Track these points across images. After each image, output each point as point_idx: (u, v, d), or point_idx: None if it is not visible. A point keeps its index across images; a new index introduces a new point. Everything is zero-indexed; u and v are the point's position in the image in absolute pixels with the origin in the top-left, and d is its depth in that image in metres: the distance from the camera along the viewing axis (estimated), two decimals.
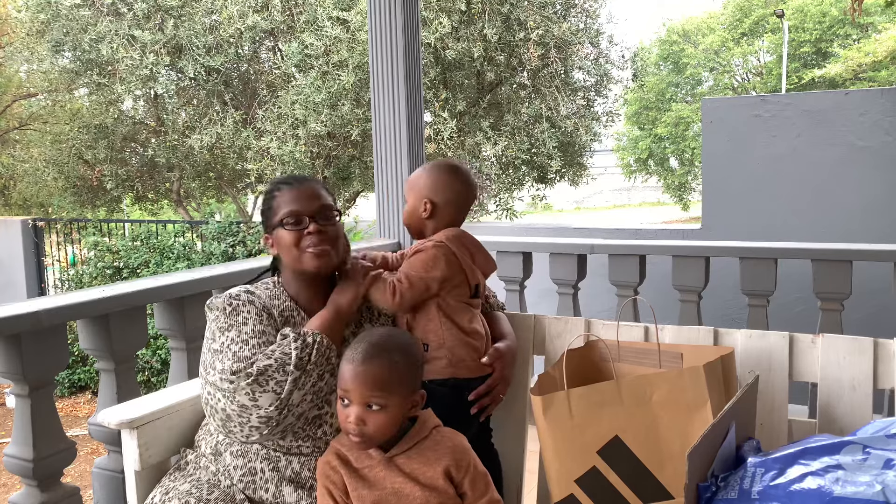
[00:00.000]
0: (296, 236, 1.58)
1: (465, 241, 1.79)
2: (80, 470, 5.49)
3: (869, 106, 4.52)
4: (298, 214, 1.59)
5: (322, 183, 1.70)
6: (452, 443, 1.45)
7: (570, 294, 3.32)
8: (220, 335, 1.52)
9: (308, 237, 1.58)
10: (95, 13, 8.36)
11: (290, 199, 1.61)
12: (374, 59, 3.31)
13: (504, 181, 9.05)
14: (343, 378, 1.40)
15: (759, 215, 4.76)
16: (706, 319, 3.10)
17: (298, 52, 7.73)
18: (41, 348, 1.90)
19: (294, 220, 1.58)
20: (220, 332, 1.53)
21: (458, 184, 1.83)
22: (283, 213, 1.59)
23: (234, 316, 1.53)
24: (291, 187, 1.63)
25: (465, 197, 1.83)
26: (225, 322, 1.53)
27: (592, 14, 9.10)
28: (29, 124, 11.79)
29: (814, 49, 20.91)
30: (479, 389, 1.73)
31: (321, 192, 1.65)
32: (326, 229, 1.60)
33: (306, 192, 1.63)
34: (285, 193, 1.62)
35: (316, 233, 1.58)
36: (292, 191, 1.62)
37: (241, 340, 1.50)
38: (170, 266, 7.12)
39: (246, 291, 1.60)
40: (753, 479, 1.32)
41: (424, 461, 1.41)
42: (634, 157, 23.51)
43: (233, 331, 1.52)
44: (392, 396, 1.38)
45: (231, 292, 1.60)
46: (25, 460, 1.88)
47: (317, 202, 1.62)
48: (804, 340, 1.72)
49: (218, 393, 1.46)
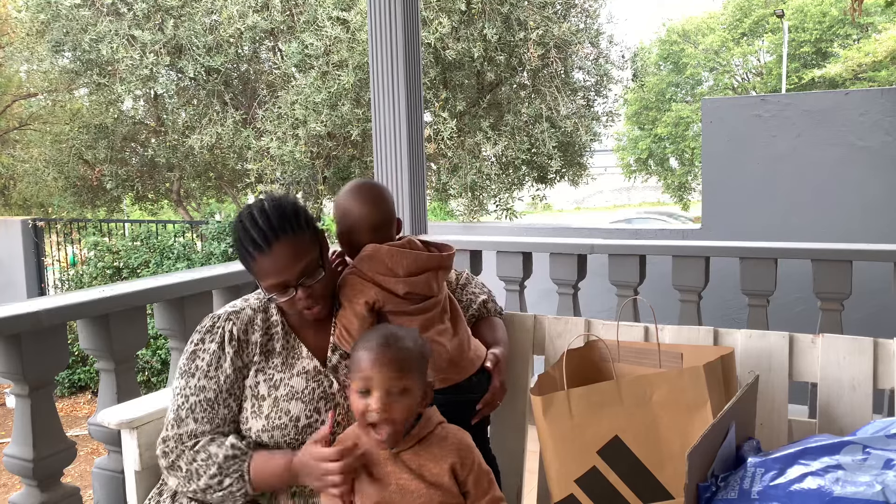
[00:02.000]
0: (287, 303, 1.55)
1: (377, 256, 1.66)
2: (80, 470, 5.49)
3: (869, 106, 4.51)
4: (283, 286, 1.52)
5: (295, 225, 1.52)
6: (457, 440, 1.44)
7: (570, 294, 3.32)
8: (179, 377, 1.56)
9: (299, 301, 1.54)
10: (95, 13, 8.37)
11: (269, 270, 1.50)
12: (374, 59, 3.31)
13: (504, 181, 9.06)
14: (361, 367, 1.38)
15: (759, 215, 4.76)
16: (706, 319, 3.09)
17: (298, 52, 7.73)
18: (41, 348, 1.90)
19: (279, 292, 1.53)
20: (179, 373, 1.56)
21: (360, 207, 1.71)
22: (267, 287, 1.53)
23: (190, 361, 1.55)
24: (265, 254, 1.49)
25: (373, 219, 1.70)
26: (183, 364, 1.56)
27: (592, 14, 9.10)
28: (29, 124, 11.80)
29: (814, 49, 20.91)
30: (485, 398, 1.73)
31: (298, 247, 1.51)
32: (314, 288, 1.54)
33: (283, 257, 1.49)
34: (262, 261, 1.50)
35: (306, 297, 1.54)
36: (268, 258, 1.49)
37: (182, 395, 1.54)
38: (170, 266, 7.12)
39: (233, 313, 1.58)
40: (753, 479, 1.32)
41: (430, 457, 1.41)
42: (634, 157, 23.51)
43: (182, 379, 1.55)
44: (412, 380, 1.38)
45: (216, 314, 1.60)
46: (25, 460, 1.88)
47: (297, 265, 1.51)
48: (804, 340, 1.72)
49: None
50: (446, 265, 1.74)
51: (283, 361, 1.58)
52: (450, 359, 1.68)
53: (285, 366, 1.57)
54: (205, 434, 1.51)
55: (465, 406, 1.71)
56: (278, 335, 1.59)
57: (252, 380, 1.55)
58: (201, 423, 1.51)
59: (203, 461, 1.48)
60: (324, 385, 1.57)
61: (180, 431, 1.51)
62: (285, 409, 1.53)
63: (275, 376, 1.56)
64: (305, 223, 1.55)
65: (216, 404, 1.53)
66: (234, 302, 1.65)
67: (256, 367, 1.56)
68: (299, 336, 1.62)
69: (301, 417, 1.53)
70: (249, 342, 1.57)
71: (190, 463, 1.49)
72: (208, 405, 1.52)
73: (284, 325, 1.61)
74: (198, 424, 1.51)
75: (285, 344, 1.59)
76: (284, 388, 1.55)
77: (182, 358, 1.57)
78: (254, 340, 1.57)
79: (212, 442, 1.50)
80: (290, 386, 1.55)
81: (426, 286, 1.68)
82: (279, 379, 1.55)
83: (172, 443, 1.51)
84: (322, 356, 1.62)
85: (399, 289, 1.65)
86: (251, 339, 1.57)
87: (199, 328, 1.58)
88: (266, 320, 1.60)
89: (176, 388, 1.56)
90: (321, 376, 1.58)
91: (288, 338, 1.60)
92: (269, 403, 1.53)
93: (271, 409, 1.53)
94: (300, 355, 1.59)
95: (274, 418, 1.52)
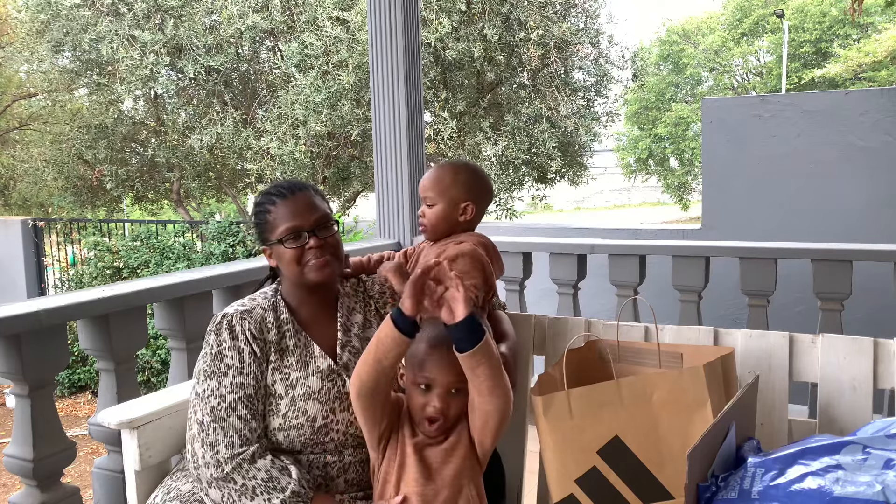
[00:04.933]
0: (297, 253, 1.56)
1: (489, 250, 1.81)
2: (80, 470, 5.49)
3: (869, 106, 4.51)
4: (297, 230, 1.56)
5: (313, 189, 1.66)
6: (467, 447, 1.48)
7: (570, 294, 3.32)
8: (205, 379, 1.52)
9: (309, 251, 1.56)
10: (95, 13, 8.36)
11: (286, 213, 1.57)
12: (374, 59, 3.31)
13: (504, 181, 9.05)
14: (424, 366, 1.42)
15: (759, 215, 4.76)
16: (706, 319, 3.09)
17: (298, 52, 7.73)
18: (41, 348, 1.90)
19: (293, 236, 1.55)
20: (205, 376, 1.52)
21: (489, 187, 1.89)
22: (282, 231, 1.56)
23: (218, 361, 1.52)
24: (285, 199, 1.59)
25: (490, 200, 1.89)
26: (209, 366, 1.52)
27: (592, 14, 9.10)
28: (29, 124, 11.80)
29: (814, 49, 20.89)
30: None
31: (316, 201, 1.62)
32: (326, 240, 1.58)
33: (301, 204, 1.59)
34: (280, 207, 1.58)
35: (317, 247, 1.56)
36: (286, 204, 1.58)
37: (217, 396, 1.49)
38: (170, 266, 7.12)
39: (245, 312, 1.57)
40: (753, 479, 1.32)
41: (443, 456, 1.44)
42: (634, 157, 23.49)
43: (213, 380, 1.51)
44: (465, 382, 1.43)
45: (228, 313, 1.57)
46: (25, 460, 1.88)
47: (314, 214, 1.58)
48: (804, 340, 1.72)
49: (194, 419, 1.50)
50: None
51: (298, 360, 1.57)
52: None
53: (300, 364, 1.57)
54: (254, 432, 1.48)
55: None
56: (290, 333, 1.59)
57: (269, 378, 1.55)
58: (246, 421, 1.48)
59: (264, 482, 1.44)
60: (338, 385, 1.58)
61: (229, 434, 1.46)
62: (302, 409, 1.53)
63: (291, 375, 1.56)
64: (323, 194, 1.68)
65: (255, 400, 1.51)
66: (241, 301, 1.64)
67: (272, 365, 1.56)
68: (309, 334, 1.62)
69: (318, 417, 1.54)
70: (266, 341, 1.56)
71: (248, 478, 1.44)
72: (249, 402, 1.50)
73: (294, 322, 1.61)
74: (244, 423, 1.48)
75: (297, 342, 1.59)
76: (301, 387, 1.55)
77: (204, 360, 1.54)
78: (269, 339, 1.57)
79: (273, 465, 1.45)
80: (306, 386, 1.55)
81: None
82: (295, 378, 1.55)
83: (224, 448, 1.45)
84: (332, 353, 1.62)
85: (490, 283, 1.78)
86: (267, 338, 1.57)
87: (215, 328, 1.55)
88: (277, 318, 1.60)
89: (205, 391, 1.50)
90: (334, 375, 1.58)
91: (299, 335, 1.60)
92: (287, 403, 1.53)
93: (288, 408, 1.53)
94: (313, 354, 1.59)
95: (291, 417, 1.52)
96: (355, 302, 1.72)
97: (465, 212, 1.82)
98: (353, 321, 1.68)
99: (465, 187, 1.82)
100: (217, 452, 1.45)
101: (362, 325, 1.69)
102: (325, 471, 1.54)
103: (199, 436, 1.47)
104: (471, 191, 1.83)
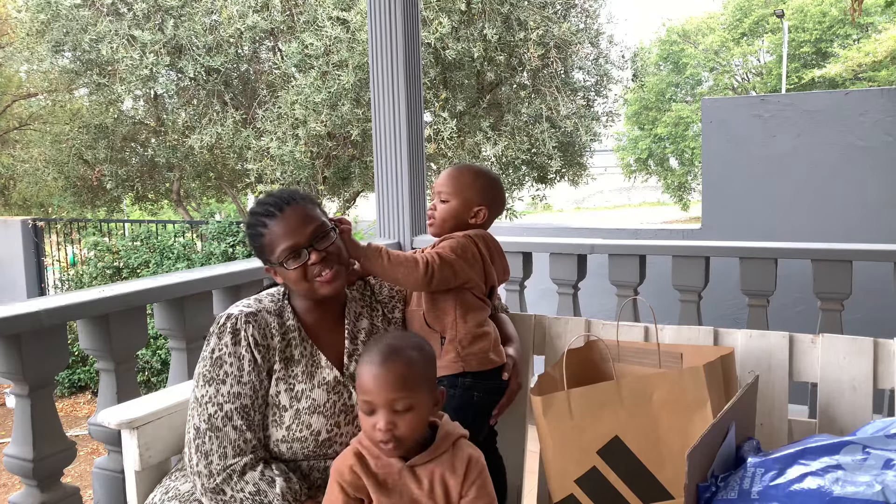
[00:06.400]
0: (300, 272, 1.50)
1: (489, 243, 1.82)
2: (80, 470, 5.49)
3: (869, 106, 4.51)
4: (295, 249, 1.49)
5: (302, 197, 1.58)
6: (471, 458, 1.39)
7: (570, 294, 3.32)
8: (204, 385, 1.49)
9: (313, 267, 1.50)
10: (95, 13, 8.36)
11: (280, 233, 1.50)
12: (374, 59, 3.31)
13: (504, 181, 9.05)
14: (363, 385, 1.33)
15: (759, 215, 4.76)
16: (706, 319, 3.09)
17: (298, 52, 7.73)
18: (41, 348, 1.90)
19: (293, 256, 1.49)
20: (204, 381, 1.49)
21: (503, 199, 1.91)
22: (280, 253, 1.50)
23: (217, 367, 1.49)
24: (276, 218, 1.52)
25: (501, 212, 1.94)
26: (208, 371, 1.49)
27: (592, 14, 9.10)
28: (29, 124, 11.81)
29: (814, 49, 20.90)
30: (501, 402, 1.75)
31: (308, 211, 1.54)
32: (328, 250, 1.52)
33: (294, 220, 1.51)
34: (272, 227, 1.51)
35: (320, 261, 1.50)
36: (279, 223, 1.51)
37: (214, 404, 1.47)
38: (170, 266, 7.12)
39: (250, 314, 1.53)
40: (753, 479, 1.31)
41: (446, 470, 1.36)
42: (634, 157, 23.50)
43: (210, 386, 1.48)
44: (416, 394, 1.33)
45: (232, 314, 1.53)
46: (25, 460, 1.88)
47: (308, 227, 1.51)
48: (804, 340, 1.72)
49: (191, 422, 1.49)
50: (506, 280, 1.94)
51: (304, 370, 1.54)
52: (496, 339, 1.78)
53: (306, 375, 1.53)
54: (248, 443, 1.46)
55: (501, 392, 1.76)
56: (296, 341, 1.55)
57: (273, 388, 1.51)
58: (241, 431, 1.46)
59: (251, 495, 1.44)
60: (343, 397, 1.55)
61: (223, 445, 1.45)
62: (307, 423, 1.50)
63: (296, 387, 1.52)
64: (312, 199, 1.60)
65: (252, 411, 1.49)
66: (246, 301, 1.59)
67: (276, 374, 1.52)
68: (316, 343, 1.58)
69: (322, 431, 1.51)
70: (269, 347, 1.52)
71: (236, 490, 1.44)
72: (245, 412, 1.47)
73: (301, 330, 1.57)
74: (238, 433, 1.46)
75: (303, 351, 1.55)
76: (306, 400, 1.51)
77: (203, 364, 1.51)
78: (273, 346, 1.53)
79: (262, 478, 1.44)
80: (311, 398, 1.52)
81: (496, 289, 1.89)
82: (300, 390, 1.52)
83: (217, 459, 1.44)
84: (339, 364, 1.59)
85: (489, 280, 1.81)
86: (271, 345, 1.52)
87: (217, 330, 1.51)
88: (282, 325, 1.55)
89: (203, 397, 1.48)
90: (340, 387, 1.55)
91: (305, 344, 1.56)
92: (291, 415, 1.50)
93: (292, 420, 1.50)
94: (319, 364, 1.56)
95: (295, 430, 1.50)
96: (362, 307, 1.69)
97: (476, 215, 1.82)
98: (359, 327, 1.65)
99: (482, 191, 1.82)
100: (210, 463, 1.44)
101: (369, 331, 1.66)
102: (325, 474, 1.53)
103: (195, 442, 1.47)
104: (487, 196, 1.83)
